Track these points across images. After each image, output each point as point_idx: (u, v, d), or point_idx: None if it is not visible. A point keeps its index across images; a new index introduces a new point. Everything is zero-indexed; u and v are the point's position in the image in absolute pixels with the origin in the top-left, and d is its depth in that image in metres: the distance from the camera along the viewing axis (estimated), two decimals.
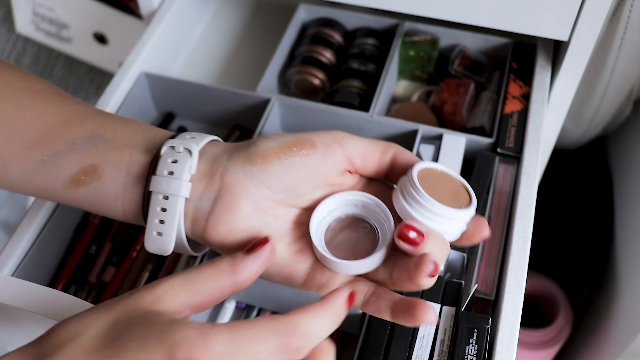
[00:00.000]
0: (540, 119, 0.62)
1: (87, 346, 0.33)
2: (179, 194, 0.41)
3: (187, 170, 0.41)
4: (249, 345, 0.32)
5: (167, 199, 0.41)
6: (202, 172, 0.42)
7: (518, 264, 0.53)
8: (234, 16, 0.84)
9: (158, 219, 0.42)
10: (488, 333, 0.50)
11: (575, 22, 0.59)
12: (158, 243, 0.42)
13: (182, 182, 0.41)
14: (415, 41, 0.71)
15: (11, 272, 0.55)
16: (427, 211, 0.40)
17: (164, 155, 0.42)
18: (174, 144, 0.42)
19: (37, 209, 0.58)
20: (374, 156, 0.43)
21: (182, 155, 0.41)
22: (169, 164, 0.41)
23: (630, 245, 0.85)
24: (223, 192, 0.41)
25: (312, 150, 0.41)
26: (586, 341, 0.97)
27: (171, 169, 0.41)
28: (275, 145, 0.41)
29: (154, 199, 0.42)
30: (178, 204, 0.41)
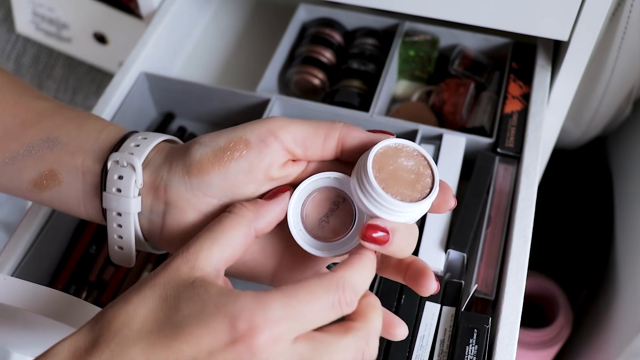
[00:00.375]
0: (540, 119, 0.62)
1: (141, 329, 0.33)
2: (129, 211, 0.41)
3: (133, 187, 0.41)
4: (305, 306, 0.33)
5: (120, 215, 0.42)
6: (148, 184, 0.42)
7: (518, 264, 0.53)
8: (234, 16, 0.84)
9: (117, 235, 0.43)
10: (488, 333, 0.50)
11: (575, 22, 0.59)
12: (120, 256, 0.44)
13: (130, 199, 0.41)
14: (415, 41, 0.71)
15: (11, 272, 0.55)
16: (387, 208, 0.38)
17: (110, 171, 0.42)
18: (118, 158, 0.42)
19: (37, 209, 0.57)
20: (317, 143, 0.41)
21: (127, 171, 0.41)
22: (116, 180, 0.41)
23: (630, 245, 0.85)
24: (169, 207, 0.41)
25: (247, 150, 0.40)
26: (586, 341, 0.97)
27: (118, 185, 0.41)
28: (209, 153, 0.40)
29: (109, 215, 0.42)
30: (131, 220, 0.42)
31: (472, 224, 0.56)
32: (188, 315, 0.33)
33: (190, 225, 0.41)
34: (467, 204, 0.58)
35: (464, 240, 0.55)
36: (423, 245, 0.56)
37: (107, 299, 0.58)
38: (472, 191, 0.58)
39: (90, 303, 0.49)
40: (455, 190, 0.60)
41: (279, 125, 0.40)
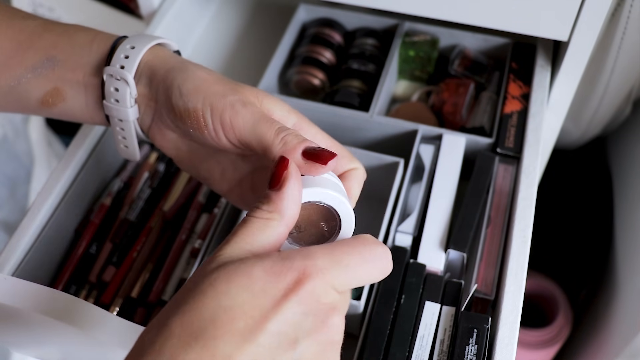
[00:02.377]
0: (540, 119, 0.62)
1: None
2: (128, 119, 0.47)
3: (129, 98, 0.46)
4: (346, 256, 0.34)
5: (121, 121, 0.47)
6: (143, 94, 0.46)
7: (518, 263, 0.53)
8: (234, 16, 0.84)
9: (121, 136, 0.49)
10: (488, 333, 0.50)
11: (575, 22, 0.59)
12: (127, 153, 0.51)
13: (128, 109, 0.46)
14: (415, 41, 0.71)
15: (11, 272, 0.55)
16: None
17: (106, 84, 0.46)
18: (112, 72, 0.45)
19: (38, 209, 0.58)
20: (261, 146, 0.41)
21: (121, 84, 0.45)
22: (113, 92, 0.46)
23: (629, 245, 0.85)
24: (156, 117, 0.46)
25: (203, 128, 0.43)
26: (586, 341, 0.97)
27: (116, 97, 0.46)
28: (180, 106, 0.43)
29: (112, 121, 0.48)
30: (130, 126, 0.47)
31: (472, 223, 0.57)
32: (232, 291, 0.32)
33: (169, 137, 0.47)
34: (467, 204, 0.58)
35: (463, 240, 0.56)
36: (423, 245, 0.56)
37: (107, 299, 0.58)
38: (472, 191, 0.59)
39: (91, 303, 0.49)
40: (455, 191, 0.60)
41: (232, 127, 0.41)
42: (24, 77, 0.47)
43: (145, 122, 0.47)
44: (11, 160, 1.12)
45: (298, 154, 0.39)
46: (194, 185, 0.64)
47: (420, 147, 0.63)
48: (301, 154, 0.39)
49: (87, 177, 0.62)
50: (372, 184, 0.63)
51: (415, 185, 0.60)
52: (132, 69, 0.45)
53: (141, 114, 0.47)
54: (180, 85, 0.43)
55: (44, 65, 0.47)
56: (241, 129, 0.41)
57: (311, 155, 0.39)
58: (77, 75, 0.47)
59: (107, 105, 0.47)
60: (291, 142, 0.39)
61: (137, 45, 0.46)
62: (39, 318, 0.49)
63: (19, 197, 1.12)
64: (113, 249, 0.61)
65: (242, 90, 0.43)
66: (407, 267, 0.55)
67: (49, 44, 0.47)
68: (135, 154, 0.50)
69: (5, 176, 1.10)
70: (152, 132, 0.47)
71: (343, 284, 0.34)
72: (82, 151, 0.61)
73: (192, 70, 0.44)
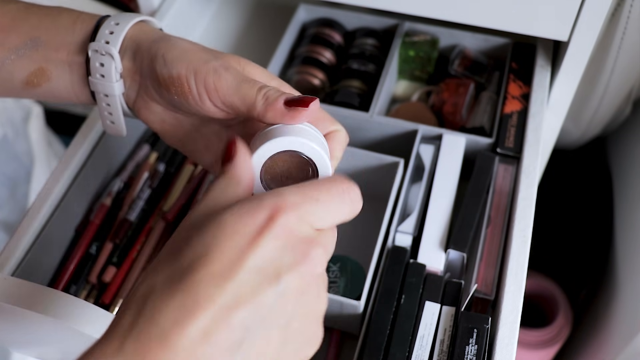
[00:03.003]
0: (540, 119, 0.62)
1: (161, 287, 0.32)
2: (114, 93, 0.47)
3: (114, 72, 0.46)
4: (316, 192, 0.35)
5: (107, 96, 0.48)
6: (128, 68, 0.47)
7: (518, 263, 0.53)
8: (234, 16, 0.84)
9: (107, 112, 0.49)
10: (488, 333, 0.50)
11: (575, 22, 0.59)
12: (113, 129, 0.50)
13: (113, 84, 0.46)
14: (415, 41, 0.71)
15: (11, 272, 0.55)
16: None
17: (92, 60, 0.46)
18: (97, 48, 0.46)
19: (38, 209, 0.58)
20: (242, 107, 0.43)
21: (107, 59, 0.46)
22: (98, 67, 0.46)
23: (629, 244, 0.85)
24: (141, 90, 0.47)
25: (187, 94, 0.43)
26: (586, 341, 0.97)
27: (101, 72, 0.46)
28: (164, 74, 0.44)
29: (97, 97, 0.48)
30: (116, 100, 0.48)
31: (472, 223, 0.57)
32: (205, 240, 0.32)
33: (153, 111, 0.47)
34: (467, 204, 0.58)
35: (463, 240, 0.56)
36: (423, 245, 0.56)
37: (107, 299, 0.58)
38: (472, 191, 0.59)
39: (91, 303, 0.49)
40: (455, 191, 0.60)
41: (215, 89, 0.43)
42: (7, 59, 0.47)
43: (130, 96, 0.48)
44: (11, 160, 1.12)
45: (280, 105, 0.41)
46: (194, 185, 0.64)
47: (420, 147, 0.63)
48: (283, 104, 0.41)
49: (87, 177, 0.62)
50: (372, 184, 0.63)
51: (415, 185, 0.60)
52: (117, 43, 0.46)
53: (126, 89, 0.47)
54: (164, 54, 0.44)
55: (27, 46, 0.47)
56: (225, 91, 0.43)
57: (292, 102, 0.41)
58: (61, 54, 0.47)
59: (92, 82, 0.47)
60: (272, 95, 0.41)
61: (121, 22, 0.47)
62: (38, 318, 0.49)
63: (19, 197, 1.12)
64: (113, 249, 0.61)
65: (224, 57, 0.45)
66: (407, 267, 0.55)
67: (32, 25, 0.48)
68: (122, 130, 0.50)
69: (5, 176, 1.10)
70: (137, 105, 0.48)
71: (317, 218, 0.34)
72: (82, 151, 0.61)
73: (175, 40, 0.46)
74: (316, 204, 0.34)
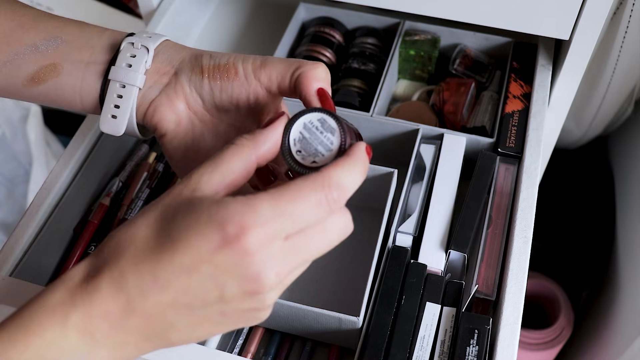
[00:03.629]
0: (541, 119, 0.62)
1: (142, 246, 0.35)
2: (135, 83, 0.46)
3: (143, 65, 0.46)
4: (292, 205, 0.35)
5: (123, 87, 0.47)
6: (155, 68, 0.47)
7: (519, 264, 0.53)
8: (233, 15, 0.83)
9: (114, 104, 0.47)
10: (489, 334, 0.50)
11: (577, 22, 0.59)
12: (112, 125, 0.48)
13: (138, 74, 0.46)
14: (415, 40, 0.71)
15: (9, 273, 0.55)
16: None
17: (123, 50, 0.47)
18: (133, 41, 0.47)
19: (36, 209, 0.57)
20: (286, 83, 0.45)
21: (140, 52, 0.47)
22: (128, 57, 0.47)
23: (631, 245, 0.85)
24: (168, 88, 0.47)
25: (234, 77, 0.45)
26: (587, 342, 0.97)
27: (130, 62, 0.46)
28: (210, 65, 0.45)
29: (111, 86, 0.47)
30: (133, 92, 0.47)
31: (473, 224, 0.56)
32: (182, 227, 0.35)
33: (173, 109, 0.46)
34: (468, 204, 0.57)
35: (464, 240, 0.55)
36: (424, 246, 0.56)
37: None
38: (472, 191, 0.58)
39: None
40: (456, 191, 0.60)
41: (261, 64, 0.45)
42: (20, 54, 0.47)
43: (148, 96, 0.47)
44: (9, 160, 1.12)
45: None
46: None
47: (421, 147, 0.63)
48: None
49: (86, 177, 0.62)
50: (367, 194, 0.63)
51: (416, 186, 0.60)
52: (157, 42, 0.47)
53: (144, 89, 0.47)
54: (209, 53, 0.46)
55: (48, 43, 0.47)
56: (274, 66, 0.44)
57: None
58: (83, 53, 0.47)
59: (114, 70, 0.47)
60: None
61: (157, 35, 0.49)
62: None
63: (17, 197, 1.11)
64: None
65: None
66: (407, 268, 0.54)
67: (54, 26, 0.48)
68: (122, 126, 0.48)
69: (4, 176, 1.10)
70: (157, 102, 0.47)
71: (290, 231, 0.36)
72: (81, 151, 0.61)
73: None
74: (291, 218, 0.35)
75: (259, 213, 0.34)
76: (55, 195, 0.59)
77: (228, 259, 0.34)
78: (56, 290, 0.36)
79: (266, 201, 0.34)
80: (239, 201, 0.34)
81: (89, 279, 0.36)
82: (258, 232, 0.34)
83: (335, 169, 0.37)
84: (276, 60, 0.45)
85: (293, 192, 0.35)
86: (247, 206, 0.34)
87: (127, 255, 0.35)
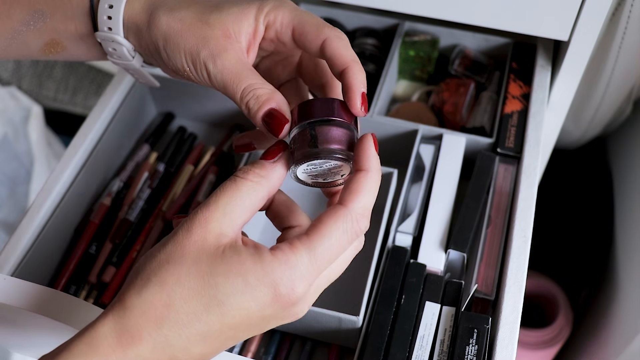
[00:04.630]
0: (540, 119, 0.62)
1: (184, 309, 0.35)
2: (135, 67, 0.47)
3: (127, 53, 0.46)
4: (328, 252, 0.37)
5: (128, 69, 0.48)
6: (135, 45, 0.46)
7: (518, 264, 0.53)
8: None
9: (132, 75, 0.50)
10: (488, 333, 0.50)
11: (576, 22, 0.59)
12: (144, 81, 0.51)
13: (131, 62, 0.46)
14: (415, 41, 0.71)
15: (11, 272, 0.55)
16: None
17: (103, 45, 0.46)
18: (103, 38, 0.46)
19: (37, 209, 0.57)
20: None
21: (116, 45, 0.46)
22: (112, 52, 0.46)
23: (630, 245, 0.85)
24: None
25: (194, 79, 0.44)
26: (586, 341, 0.97)
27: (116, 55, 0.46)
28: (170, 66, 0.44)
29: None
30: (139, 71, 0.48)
31: (472, 224, 0.56)
32: (232, 291, 0.35)
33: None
34: (467, 204, 0.58)
35: (464, 240, 0.55)
36: (423, 245, 0.56)
37: (107, 299, 0.58)
38: (472, 191, 0.58)
39: (90, 303, 0.49)
40: (455, 191, 0.60)
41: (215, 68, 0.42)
42: (19, 32, 0.47)
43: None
44: (11, 160, 1.12)
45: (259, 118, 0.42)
46: (194, 185, 0.64)
47: (421, 147, 0.63)
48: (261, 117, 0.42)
49: (87, 177, 0.62)
50: None
51: (416, 185, 0.60)
52: (119, 30, 0.45)
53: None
54: (164, 45, 0.44)
55: (35, 19, 0.47)
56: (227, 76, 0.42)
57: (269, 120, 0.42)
58: (70, 27, 0.47)
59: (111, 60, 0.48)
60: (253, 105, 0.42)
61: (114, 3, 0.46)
62: (38, 318, 0.49)
63: (19, 197, 1.12)
64: (113, 249, 0.61)
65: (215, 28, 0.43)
66: (407, 267, 0.55)
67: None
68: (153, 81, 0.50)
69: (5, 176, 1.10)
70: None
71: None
72: (82, 151, 0.61)
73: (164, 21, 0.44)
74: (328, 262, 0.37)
75: (302, 271, 0.36)
76: (56, 195, 0.59)
77: (276, 311, 0.36)
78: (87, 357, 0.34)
79: (306, 257, 0.36)
80: (282, 262, 0.36)
81: (125, 346, 0.34)
82: (303, 285, 0.36)
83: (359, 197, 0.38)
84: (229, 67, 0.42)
85: (327, 239, 0.37)
86: (289, 268, 0.36)
87: (170, 322, 0.35)
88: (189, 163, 0.66)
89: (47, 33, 0.47)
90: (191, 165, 0.66)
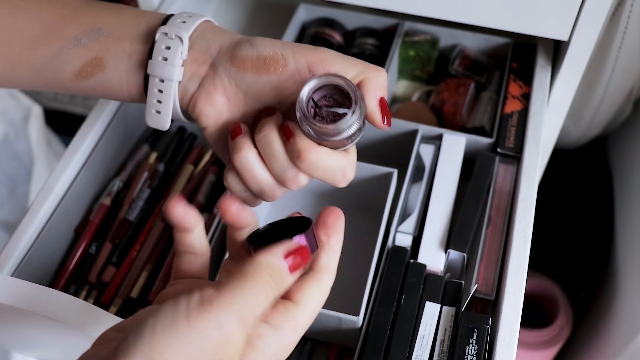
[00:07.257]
0: (540, 119, 0.62)
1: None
2: (172, 78, 0.46)
3: (179, 57, 0.45)
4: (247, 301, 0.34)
5: (162, 82, 0.46)
6: (193, 58, 0.46)
7: (518, 264, 0.53)
8: (234, 16, 0.83)
9: (156, 99, 0.47)
10: (488, 333, 0.50)
11: (576, 22, 0.59)
12: (157, 120, 0.48)
13: (175, 67, 0.45)
14: (415, 41, 0.71)
15: (11, 272, 0.55)
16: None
17: (158, 42, 0.46)
18: (167, 31, 0.46)
19: (37, 209, 0.57)
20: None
21: (174, 42, 0.45)
22: (163, 50, 0.45)
23: (630, 245, 0.85)
24: (206, 81, 0.46)
25: (282, 70, 0.44)
26: (586, 341, 0.97)
27: (165, 54, 0.45)
28: (253, 56, 0.44)
29: (151, 81, 0.46)
30: (172, 86, 0.46)
31: (472, 224, 0.56)
32: None
33: (213, 103, 0.45)
34: (467, 204, 0.58)
35: (464, 240, 0.55)
36: (423, 245, 0.56)
37: (107, 299, 0.58)
38: (472, 191, 0.58)
39: (90, 303, 0.49)
40: (455, 191, 0.60)
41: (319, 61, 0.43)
42: (65, 48, 0.47)
43: (188, 90, 0.46)
44: (11, 160, 1.12)
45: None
46: (194, 185, 0.64)
47: (421, 147, 0.63)
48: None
49: (87, 177, 0.62)
50: (366, 194, 0.63)
51: (416, 185, 0.60)
52: (190, 29, 0.46)
53: (185, 80, 0.46)
54: (249, 39, 0.45)
55: (89, 36, 0.47)
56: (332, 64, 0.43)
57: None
58: (124, 44, 0.47)
59: (152, 64, 0.46)
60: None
61: (195, 15, 0.47)
62: (38, 318, 0.49)
63: (19, 197, 1.12)
64: (113, 249, 0.61)
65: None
66: (407, 267, 0.55)
67: (94, 16, 0.48)
68: (167, 121, 0.48)
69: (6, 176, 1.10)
70: (197, 97, 0.46)
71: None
72: (82, 151, 0.61)
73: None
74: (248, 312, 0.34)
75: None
76: (56, 195, 0.59)
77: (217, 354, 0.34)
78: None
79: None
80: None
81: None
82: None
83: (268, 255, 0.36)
84: (335, 58, 0.43)
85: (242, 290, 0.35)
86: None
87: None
88: (189, 163, 0.66)
89: (93, 51, 0.47)
90: (191, 165, 0.66)
